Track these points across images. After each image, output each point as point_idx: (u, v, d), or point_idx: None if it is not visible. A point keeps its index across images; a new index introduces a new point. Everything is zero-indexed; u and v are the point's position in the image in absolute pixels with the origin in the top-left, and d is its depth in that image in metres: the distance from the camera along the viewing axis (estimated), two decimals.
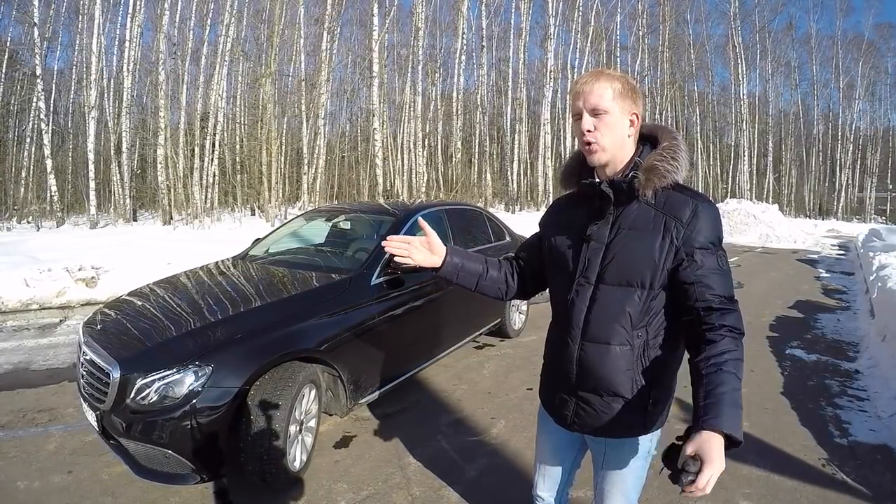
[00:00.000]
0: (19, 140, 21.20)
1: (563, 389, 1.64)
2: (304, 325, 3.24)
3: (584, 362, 1.56)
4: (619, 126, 1.48)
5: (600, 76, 1.48)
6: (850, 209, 38.16)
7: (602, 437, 1.62)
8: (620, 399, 1.53)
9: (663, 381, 1.57)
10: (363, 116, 26.93)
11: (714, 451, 1.15)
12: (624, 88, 1.48)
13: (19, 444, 3.52)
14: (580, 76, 1.53)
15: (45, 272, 7.72)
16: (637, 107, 1.50)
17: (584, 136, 1.49)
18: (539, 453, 1.90)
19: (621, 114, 1.48)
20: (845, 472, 3.33)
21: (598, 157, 1.51)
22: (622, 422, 1.55)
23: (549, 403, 1.75)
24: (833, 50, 37.71)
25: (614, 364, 1.51)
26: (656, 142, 1.55)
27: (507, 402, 4.31)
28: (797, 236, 19.01)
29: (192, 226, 16.59)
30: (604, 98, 1.45)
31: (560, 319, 1.64)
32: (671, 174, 1.47)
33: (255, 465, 2.80)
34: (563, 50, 29.54)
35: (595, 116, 1.47)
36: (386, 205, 5.24)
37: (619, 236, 1.51)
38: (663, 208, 1.48)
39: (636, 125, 1.52)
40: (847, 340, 6.31)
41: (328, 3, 21.20)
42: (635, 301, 1.48)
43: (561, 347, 1.62)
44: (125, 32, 19.23)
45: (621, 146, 1.51)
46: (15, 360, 5.11)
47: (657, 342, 1.52)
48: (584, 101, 1.48)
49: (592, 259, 1.54)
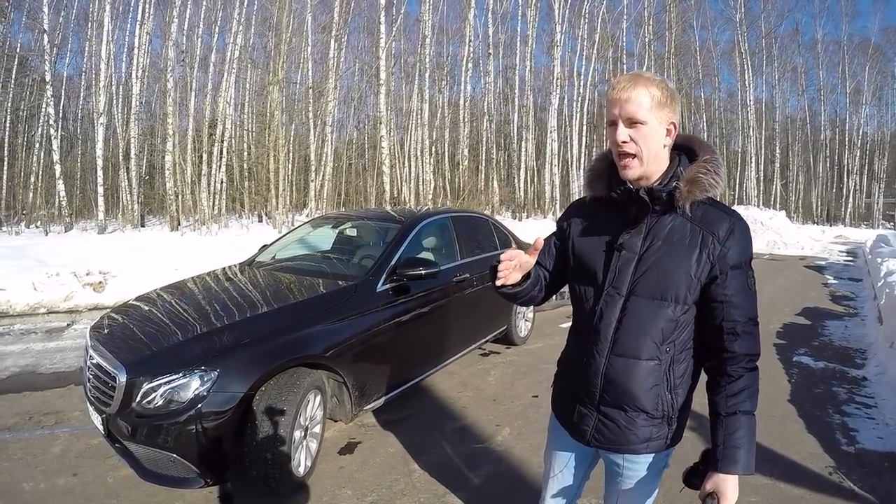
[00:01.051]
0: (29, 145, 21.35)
1: (584, 404, 1.58)
2: (309, 330, 3.24)
3: (610, 376, 1.50)
4: (655, 137, 1.41)
5: (638, 82, 1.40)
6: (857, 215, 37.88)
7: (622, 453, 1.57)
8: (644, 415, 1.49)
9: (685, 396, 1.53)
10: (370, 124, 26.98)
11: (730, 491, 1.36)
12: (663, 96, 1.40)
13: (25, 445, 3.55)
14: (618, 79, 1.44)
15: (54, 276, 7.78)
16: (675, 115, 1.43)
17: (619, 147, 1.42)
18: (550, 468, 1.81)
19: (658, 124, 1.41)
20: (852, 480, 3.31)
21: (631, 172, 1.44)
22: (644, 438, 1.51)
23: (565, 418, 1.67)
24: (839, 55, 37.56)
25: (643, 379, 1.47)
26: (692, 153, 1.50)
27: (513, 409, 4.30)
28: (805, 243, 18.95)
29: (199, 232, 16.65)
30: (641, 108, 1.38)
31: (584, 331, 1.57)
32: (713, 188, 1.43)
33: (260, 470, 2.80)
34: (569, 57, 29.54)
35: (631, 127, 1.40)
36: (392, 212, 5.26)
37: (653, 248, 1.45)
38: (700, 222, 1.43)
39: (673, 135, 1.45)
40: (855, 347, 6.28)
41: (335, 12, 21.31)
42: (668, 315, 1.44)
43: (585, 360, 1.55)
44: (134, 39, 19.40)
45: (656, 158, 1.44)
46: (22, 363, 5.14)
47: (682, 357, 1.49)
48: (620, 108, 1.40)
49: (623, 269, 1.48)
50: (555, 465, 1.79)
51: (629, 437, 1.52)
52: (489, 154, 27.39)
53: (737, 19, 33.91)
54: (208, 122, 19.77)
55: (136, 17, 19.38)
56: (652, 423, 1.50)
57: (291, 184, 20.43)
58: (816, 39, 37.42)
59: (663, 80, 1.44)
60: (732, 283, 1.40)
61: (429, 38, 24.39)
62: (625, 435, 1.52)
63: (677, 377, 1.49)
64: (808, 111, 38.60)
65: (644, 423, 1.50)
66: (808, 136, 38.60)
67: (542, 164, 27.85)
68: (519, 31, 28.62)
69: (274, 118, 18.29)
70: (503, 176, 28.86)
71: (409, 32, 27.72)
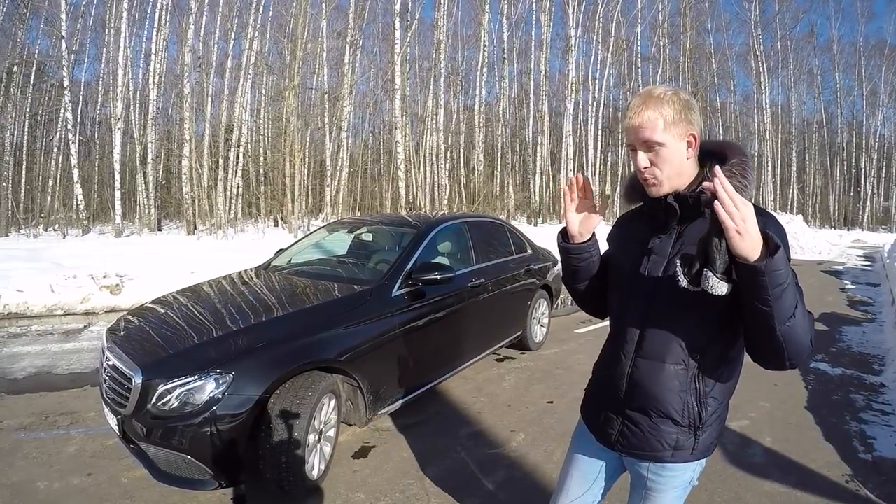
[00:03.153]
0: (47, 150, 21.69)
1: (610, 407, 1.58)
2: (325, 335, 3.24)
3: (634, 378, 1.49)
4: (675, 154, 1.40)
5: (648, 104, 1.39)
6: (875, 219, 37.38)
7: (646, 461, 1.53)
8: (670, 421, 1.46)
9: (716, 407, 1.49)
10: (386, 129, 27.15)
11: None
12: (675, 113, 1.38)
13: (41, 445, 3.58)
14: (631, 102, 1.44)
15: (71, 279, 7.86)
16: (693, 126, 1.41)
17: (641, 172, 1.44)
18: (568, 472, 1.76)
19: (677, 141, 1.39)
20: (869, 488, 3.24)
21: (657, 191, 1.45)
22: (669, 445, 1.48)
23: (592, 420, 1.67)
24: (855, 56, 37.14)
25: (667, 383, 1.44)
26: (724, 158, 1.47)
27: (527, 415, 4.27)
28: (822, 247, 18.72)
29: (215, 236, 16.79)
30: (656, 131, 1.38)
31: (615, 334, 1.60)
32: (741, 190, 1.36)
33: (274, 473, 2.80)
34: (584, 61, 29.54)
35: (650, 151, 1.41)
36: (408, 217, 5.25)
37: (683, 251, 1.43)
38: None
39: (695, 145, 1.43)
40: (872, 353, 6.18)
41: (350, 18, 21.47)
42: (695, 319, 1.41)
43: (612, 362, 1.57)
44: (151, 46, 19.69)
45: (679, 173, 1.43)
46: (39, 364, 5.20)
47: (714, 366, 1.45)
48: (635, 135, 1.41)
49: (652, 273, 1.49)
50: (574, 471, 1.74)
51: (653, 443, 1.49)
52: (504, 159, 27.41)
53: (751, 22, 33.72)
54: (224, 127, 19.96)
55: (152, 23, 19.65)
56: (678, 431, 1.46)
57: (307, 188, 20.55)
58: (832, 41, 37.12)
59: (676, 93, 1.42)
60: None
61: (443, 43, 24.48)
62: (648, 440, 1.49)
63: (708, 388, 1.45)
64: (824, 114, 38.26)
65: (669, 430, 1.47)
66: (825, 139, 38.22)
67: (558, 169, 27.82)
68: (533, 36, 28.68)
69: (290, 123, 18.42)
70: (518, 181, 28.88)
71: (424, 38, 27.90)
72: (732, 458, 3.56)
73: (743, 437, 3.87)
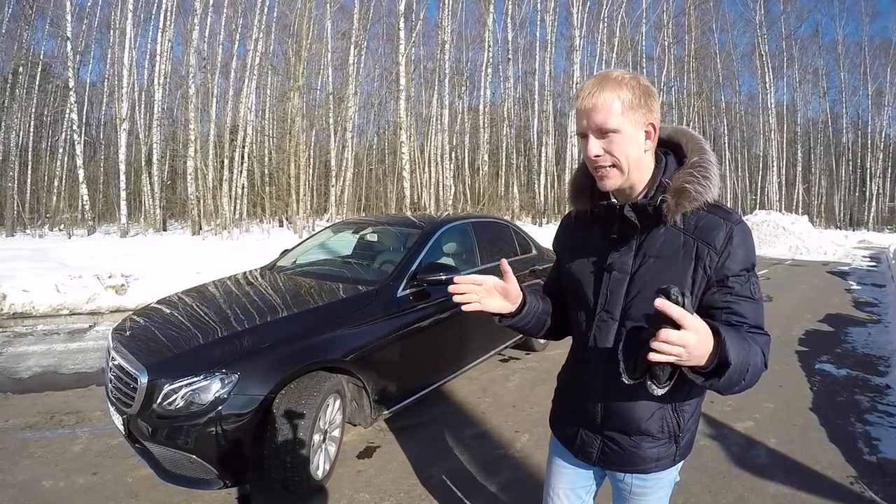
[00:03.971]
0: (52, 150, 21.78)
1: (587, 428, 1.50)
2: (330, 335, 3.25)
3: (610, 403, 1.42)
4: (632, 144, 1.27)
5: (605, 84, 1.25)
6: (881, 219, 37.16)
7: (630, 472, 1.49)
8: (649, 438, 1.42)
9: (692, 411, 1.46)
10: (390, 129, 27.19)
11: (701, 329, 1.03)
12: (634, 97, 1.24)
13: (46, 444, 3.59)
14: (582, 85, 1.29)
15: (76, 279, 7.89)
16: (653, 115, 1.28)
17: (592, 161, 1.29)
18: (553, 488, 1.69)
19: (634, 128, 1.26)
20: (874, 490, 3.23)
21: (610, 183, 1.31)
22: (652, 458, 1.44)
23: (567, 440, 1.59)
24: (861, 56, 36.99)
25: (645, 405, 1.38)
26: (679, 150, 1.38)
27: (532, 415, 4.27)
28: (827, 248, 18.62)
29: (220, 236, 16.83)
30: (611, 115, 1.23)
31: (580, 357, 1.50)
32: (702, 195, 1.28)
33: (279, 473, 2.81)
34: (588, 61, 29.51)
35: (603, 137, 1.26)
36: (413, 217, 5.25)
37: (645, 265, 1.33)
38: (694, 233, 1.29)
39: (653, 137, 1.30)
40: (878, 355, 6.15)
41: (355, 18, 21.52)
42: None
43: (583, 387, 1.49)
44: (156, 47, 19.78)
45: (637, 165, 1.30)
46: (45, 364, 5.21)
47: (685, 378, 1.31)
48: (587, 119, 1.26)
49: (615, 291, 1.37)
50: (558, 488, 1.68)
51: (635, 459, 1.45)
52: (509, 159, 27.43)
53: (756, 21, 33.60)
54: (229, 128, 20.03)
55: (157, 24, 19.78)
56: (658, 444, 1.43)
57: (312, 189, 20.61)
58: (837, 41, 36.90)
59: (635, 77, 1.29)
60: (732, 289, 1.27)
61: (448, 43, 24.52)
62: (630, 457, 1.45)
63: (682, 395, 1.39)
64: (829, 114, 38.06)
65: (650, 445, 1.43)
66: (830, 138, 38.02)
67: (563, 169, 27.84)
68: (538, 37, 28.73)
69: (294, 124, 18.47)
70: (523, 181, 28.86)
71: (428, 38, 27.96)
72: (737, 459, 3.55)
73: (747, 439, 3.86)
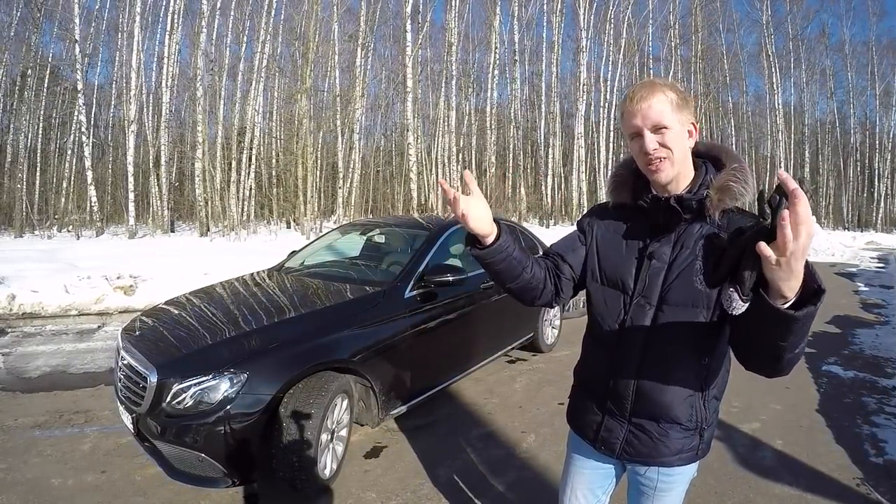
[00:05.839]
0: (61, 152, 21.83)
1: (614, 415, 1.53)
2: (337, 335, 3.27)
3: (643, 388, 1.46)
4: (681, 140, 1.38)
5: (655, 88, 1.37)
6: (889, 220, 36.84)
7: (655, 465, 1.52)
8: (678, 426, 1.45)
9: (717, 405, 1.51)
10: (397, 131, 27.18)
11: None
12: (679, 98, 1.38)
13: (55, 443, 3.62)
14: (632, 90, 1.41)
15: (85, 279, 7.94)
16: (693, 116, 1.42)
17: (648, 155, 1.38)
18: (570, 487, 1.72)
19: (681, 126, 1.38)
20: (880, 492, 3.22)
21: (664, 176, 1.40)
22: (676, 450, 1.47)
23: (588, 431, 1.61)
24: (868, 56, 36.65)
25: (677, 390, 1.43)
26: (717, 162, 1.47)
27: (538, 416, 4.27)
28: (835, 249, 18.50)
29: (228, 238, 16.87)
30: (665, 113, 1.35)
31: (610, 342, 1.52)
32: (742, 196, 1.39)
33: (286, 472, 2.82)
34: (595, 63, 29.43)
35: (657, 133, 1.36)
36: (420, 219, 5.27)
37: (682, 257, 1.41)
38: (727, 231, 1.36)
39: (694, 136, 1.43)
40: (885, 356, 6.12)
41: (362, 20, 21.56)
42: (701, 324, 1.38)
43: (613, 372, 1.51)
44: (163, 49, 19.81)
45: (684, 160, 1.42)
46: (53, 363, 5.26)
47: (718, 366, 1.45)
48: (642, 118, 1.36)
49: (653, 279, 1.44)
50: (578, 486, 1.71)
51: (661, 450, 1.48)
52: (516, 161, 27.40)
53: (763, 21, 33.42)
54: (237, 130, 20.06)
55: (164, 27, 19.79)
56: (685, 435, 1.47)
57: (319, 190, 20.62)
58: (844, 41, 36.60)
59: (674, 83, 1.43)
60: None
61: (455, 45, 24.51)
62: (657, 447, 1.48)
63: (712, 388, 1.46)
64: (837, 114, 37.78)
65: (677, 435, 1.46)
66: (838, 139, 37.76)
67: (570, 170, 27.76)
68: (545, 38, 28.61)
69: (302, 126, 18.51)
70: (530, 182, 28.81)
71: (435, 40, 27.85)
72: (743, 460, 3.54)
73: (754, 440, 3.86)
